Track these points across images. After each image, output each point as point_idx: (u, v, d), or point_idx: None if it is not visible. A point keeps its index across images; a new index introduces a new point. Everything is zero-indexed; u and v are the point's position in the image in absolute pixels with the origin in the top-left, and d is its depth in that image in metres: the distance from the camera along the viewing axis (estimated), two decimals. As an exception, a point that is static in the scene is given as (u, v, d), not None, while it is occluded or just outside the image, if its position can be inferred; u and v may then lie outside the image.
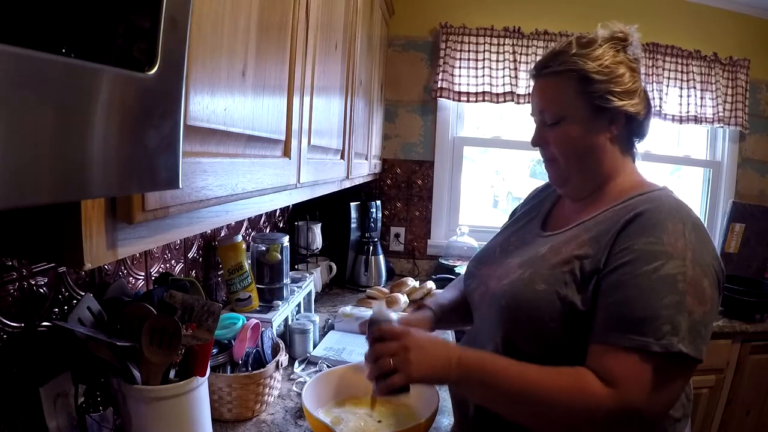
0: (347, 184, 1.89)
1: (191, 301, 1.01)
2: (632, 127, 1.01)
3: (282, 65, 0.98)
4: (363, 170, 2.14)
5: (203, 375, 1.03)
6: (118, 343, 0.92)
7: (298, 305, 1.86)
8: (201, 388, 1.03)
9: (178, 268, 1.45)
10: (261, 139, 0.90)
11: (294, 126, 1.06)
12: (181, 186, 0.53)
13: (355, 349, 1.71)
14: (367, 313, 1.94)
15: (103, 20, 0.39)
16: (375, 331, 0.99)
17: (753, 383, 2.38)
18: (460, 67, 2.71)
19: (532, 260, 0.99)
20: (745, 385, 2.37)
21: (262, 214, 2.11)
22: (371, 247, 2.57)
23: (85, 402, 1.00)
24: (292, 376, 1.53)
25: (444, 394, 1.41)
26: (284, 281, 1.70)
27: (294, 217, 2.42)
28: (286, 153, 1.05)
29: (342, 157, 1.69)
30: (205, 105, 0.67)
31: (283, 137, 1.02)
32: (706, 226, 1.00)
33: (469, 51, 2.69)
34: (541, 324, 0.92)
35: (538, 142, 1.05)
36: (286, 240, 1.70)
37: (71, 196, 0.41)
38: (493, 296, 1.02)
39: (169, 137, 0.50)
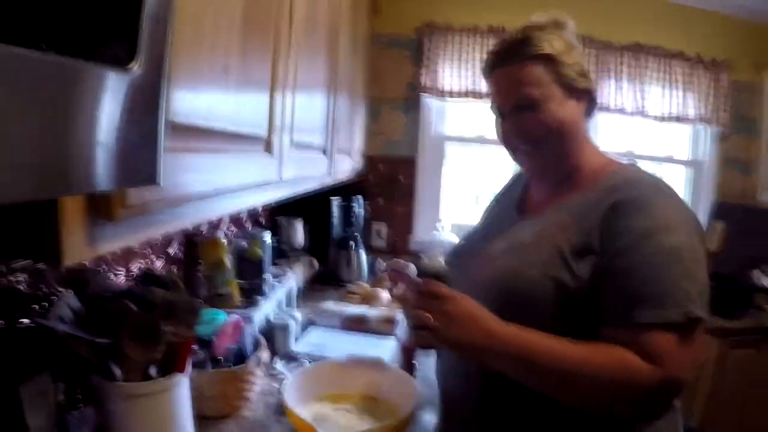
0: (330, 181, 1.89)
1: (172, 298, 1.01)
2: (590, 106, 1.05)
3: (265, 62, 0.98)
4: (346, 166, 2.14)
5: (184, 371, 1.03)
6: (97, 341, 0.91)
7: (280, 301, 1.85)
8: (182, 385, 1.03)
9: (158, 264, 1.44)
10: (243, 135, 0.90)
11: (276, 122, 1.06)
12: (162, 182, 0.53)
13: (336, 345, 1.71)
14: (349, 309, 1.97)
15: (84, 16, 0.39)
16: (424, 284, 0.93)
17: (734, 378, 2.43)
18: (444, 65, 2.71)
19: (516, 247, 1.00)
20: (726, 380, 2.43)
21: (244, 211, 2.10)
22: (353, 243, 2.56)
23: (66, 400, 0.99)
24: (273, 372, 1.53)
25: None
26: (265, 277, 1.69)
27: (276, 213, 2.41)
28: (269, 149, 1.05)
29: (325, 154, 1.68)
30: (188, 101, 0.67)
31: (265, 133, 1.02)
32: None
33: (453, 49, 2.70)
34: (536, 308, 0.92)
35: (517, 131, 1.02)
36: (267, 236, 1.69)
37: (51, 193, 0.41)
38: (479, 286, 1.00)
39: (151, 134, 0.50)
